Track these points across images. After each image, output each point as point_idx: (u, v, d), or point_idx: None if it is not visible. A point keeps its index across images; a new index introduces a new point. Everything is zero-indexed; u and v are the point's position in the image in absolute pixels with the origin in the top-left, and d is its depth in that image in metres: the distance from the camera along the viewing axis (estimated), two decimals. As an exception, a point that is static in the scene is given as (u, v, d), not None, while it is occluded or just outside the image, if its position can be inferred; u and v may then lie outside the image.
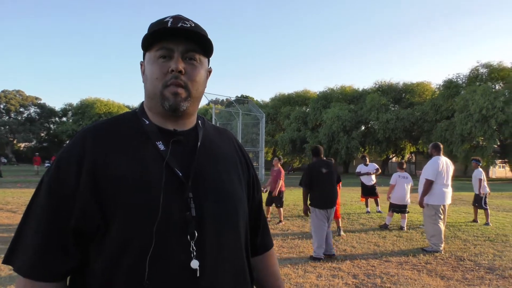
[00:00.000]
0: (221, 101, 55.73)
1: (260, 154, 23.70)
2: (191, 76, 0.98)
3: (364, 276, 4.76)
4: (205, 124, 1.12)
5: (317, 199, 5.69)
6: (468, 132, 27.03)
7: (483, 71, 30.45)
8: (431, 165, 6.18)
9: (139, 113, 1.04)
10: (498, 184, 23.53)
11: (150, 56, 0.98)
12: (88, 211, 0.89)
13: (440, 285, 4.47)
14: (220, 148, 1.10)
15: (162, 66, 0.96)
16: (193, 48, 0.99)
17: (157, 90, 0.97)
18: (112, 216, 0.88)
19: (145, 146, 0.96)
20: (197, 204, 0.94)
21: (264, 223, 1.26)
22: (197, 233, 0.92)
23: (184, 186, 0.94)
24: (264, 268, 1.21)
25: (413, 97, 35.58)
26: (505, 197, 15.15)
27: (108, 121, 1.02)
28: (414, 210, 10.41)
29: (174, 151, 0.97)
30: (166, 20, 0.98)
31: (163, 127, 1.00)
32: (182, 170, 0.96)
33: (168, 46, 0.96)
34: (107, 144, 0.95)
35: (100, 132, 0.97)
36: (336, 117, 34.06)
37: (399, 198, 8.01)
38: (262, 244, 1.23)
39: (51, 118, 56.41)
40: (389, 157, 37.81)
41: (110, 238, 0.88)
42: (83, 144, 0.94)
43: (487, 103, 25.96)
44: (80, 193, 0.89)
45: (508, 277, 4.72)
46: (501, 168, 38.57)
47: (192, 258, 0.90)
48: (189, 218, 0.92)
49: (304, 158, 37.89)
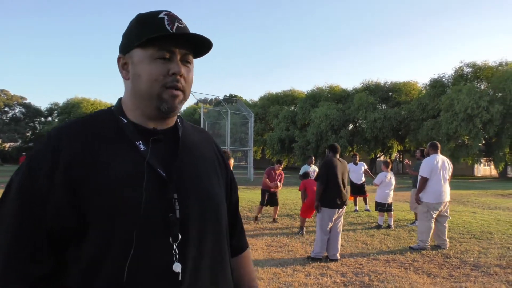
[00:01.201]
0: (210, 100, 55.56)
1: (249, 153, 23.69)
2: (186, 80, 0.97)
3: (352, 274, 4.80)
4: (183, 123, 1.09)
5: (329, 198, 5.45)
6: (453, 131, 27.37)
7: (468, 70, 30.89)
8: (427, 163, 6.27)
9: (116, 111, 0.99)
10: (483, 182, 23.95)
11: (145, 55, 0.93)
12: (62, 214, 0.84)
13: (427, 283, 4.53)
14: (200, 148, 1.08)
15: (161, 67, 0.93)
16: (190, 51, 0.98)
17: (154, 91, 0.93)
18: (90, 219, 0.84)
19: (124, 146, 0.92)
20: (181, 205, 0.91)
21: (241, 224, 1.25)
22: (181, 235, 0.89)
23: (168, 186, 0.91)
24: (240, 269, 1.20)
25: (400, 96, 35.91)
26: (490, 195, 15.39)
27: (83, 120, 0.97)
28: (401, 208, 10.53)
29: (154, 151, 0.94)
30: (161, 17, 0.94)
31: (142, 125, 0.97)
32: (164, 170, 0.92)
33: (170, 48, 0.93)
34: (83, 144, 0.89)
35: (75, 131, 0.92)
36: (324, 116, 34.19)
37: (383, 197, 8.10)
38: (239, 245, 1.22)
39: (36, 118, 55.52)
40: (377, 156, 38.13)
41: (88, 242, 0.84)
42: (57, 144, 0.88)
43: (472, 103, 26.32)
44: (54, 195, 0.84)
45: (493, 274, 4.80)
46: (486, 167, 39.21)
47: (175, 261, 0.87)
48: (173, 220, 0.89)
49: (293, 157, 37.99)
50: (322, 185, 5.48)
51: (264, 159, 42.38)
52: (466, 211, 9.86)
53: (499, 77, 27.76)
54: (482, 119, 26.34)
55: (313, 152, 33.81)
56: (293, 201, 11.64)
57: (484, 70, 30.00)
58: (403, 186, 17.20)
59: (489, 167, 38.09)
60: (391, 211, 8.07)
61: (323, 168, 5.58)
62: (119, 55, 1.00)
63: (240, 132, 27.12)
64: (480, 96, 26.71)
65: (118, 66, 1.00)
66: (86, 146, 0.90)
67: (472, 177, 30.39)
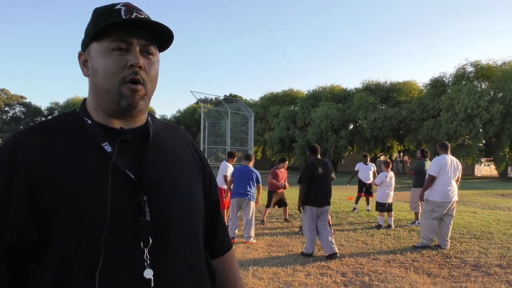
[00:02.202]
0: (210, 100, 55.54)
1: (249, 153, 23.69)
2: (148, 73, 0.90)
3: (353, 274, 4.80)
4: (154, 121, 1.02)
5: (311, 196, 5.68)
6: (453, 131, 27.38)
7: (471, 69, 30.83)
8: (436, 162, 6.27)
9: (80, 112, 0.93)
10: (483, 182, 23.95)
11: (100, 47, 0.87)
12: (23, 228, 0.78)
13: (427, 283, 4.53)
14: (173, 146, 1.01)
15: (118, 59, 0.86)
16: (151, 42, 0.90)
17: (112, 86, 0.86)
18: (52, 230, 0.78)
19: (88, 149, 0.86)
20: (151, 207, 0.85)
21: (222, 223, 1.17)
22: (151, 239, 0.83)
23: (136, 189, 0.85)
24: (225, 270, 1.12)
25: (400, 96, 35.91)
26: (490, 195, 15.40)
27: (44, 123, 0.91)
28: (401, 208, 10.53)
29: (122, 152, 0.87)
30: (118, 8, 0.89)
31: (108, 125, 0.91)
32: (132, 171, 0.86)
33: (125, 38, 0.86)
34: (44, 148, 0.83)
35: (35, 136, 0.85)
36: (324, 116, 34.20)
37: (384, 197, 8.11)
38: (221, 245, 1.14)
39: (37, 117, 55.55)
40: (377, 156, 38.13)
41: (51, 256, 0.78)
42: (14, 151, 0.81)
43: (472, 102, 26.33)
44: (13, 209, 0.78)
45: (493, 274, 4.80)
46: (486, 167, 39.22)
47: (146, 267, 0.81)
48: (143, 223, 0.82)
49: (293, 157, 38.00)
50: (306, 186, 5.72)
51: (264, 159, 42.40)
52: (466, 211, 9.86)
53: (499, 76, 27.76)
54: (482, 119, 26.34)
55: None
56: (293, 201, 11.63)
57: (486, 70, 29.95)
58: (403, 186, 17.22)
59: (490, 167, 38.09)
60: (391, 211, 8.07)
61: (307, 170, 5.80)
62: (79, 52, 0.95)
63: (240, 132, 27.08)
64: (480, 96, 26.71)
65: (79, 64, 0.94)
66: (47, 151, 0.84)
67: (472, 177, 30.37)
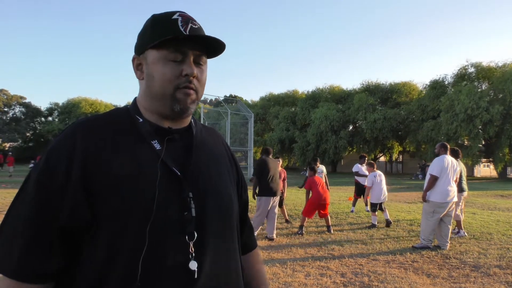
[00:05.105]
0: (210, 100, 55.62)
1: (249, 153, 23.67)
2: (200, 80, 0.99)
3: (352, 275, 4.80)
4: (196, 123, 1.11)
5: (266, 189, 6.77)
6: (453, 132, 27.37)
7: (472, 70, 30.81)
8: (437, 162, 6.28)
9: (132, 110, 1.00)
10: (483, 183, 23.93)
11: (159, 56, 0.95)
12: (77, 209, 0.85)
13: (426, 283, 4.53)
14: (212, 147, 1.09)
15: (174, 68, 0.94)
16: (203, 52, 0.99)
17: (167, 92, 0.95)
18: (104, 216, 0.85)
19: (139, 145, 0.93)
20: (196, 204, 0.92)
21: (250, 223, 1.27)
22: (196, 233, 0.90)
23: (183, 185, 0.92)
24: (250, 268, 1.21)
25: (400, 97, 35.91)
26: (490, 196, 15.40)
27: (100, 117, 0.98)
28: (401, 209, 10.53)
29: (169, 150, 0.95)
30: (175, 18, 0.96)
31: (157, 125, 0.98)
32: (179, 169, 0.93)
33: (183, 49, 0.95)
34: (99, 140, 0.90)
35: (92, 127, 0.93)
36: (324, 117, 34.19)
37: (378, 196, 8.15)
38: (248, 243, 1.24)
39: (36, 117, 55.48)
40: (377, 157, 38.12)
41: (101, 239, 0.85)
42: (73, 139, 0.89)
43: (472, 103, 26.33)
44: (70, 190, 0.85)
45: (492, 275, 4.81)
46: (485, 167, 39.20)
47: (191, 259, 0.88)
48: (188, 218, 0.90)
49: (293, 157, 37.98)
50: (258, 179, 6.89)
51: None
52: (465, 212, 9.85)
53: (499, 77, 27.77)
54: (482, 120, 26.33)
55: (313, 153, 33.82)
56: (293, 201, 11.64)
57: (486, 71, 29.95)
58: (402, 186, 17.21)
59: (489, 167, 38.07)
60: (383, 209, 8.19)
61: (260, 166, 6.98)
62: (134, 56, 1.02)
63: (240, 133, 27.08)
64: (480, 97, 26.71)
65: (133, 66, 1.01)
66: (101, 143, 0.90)
67: (472, 178, 30.37)
